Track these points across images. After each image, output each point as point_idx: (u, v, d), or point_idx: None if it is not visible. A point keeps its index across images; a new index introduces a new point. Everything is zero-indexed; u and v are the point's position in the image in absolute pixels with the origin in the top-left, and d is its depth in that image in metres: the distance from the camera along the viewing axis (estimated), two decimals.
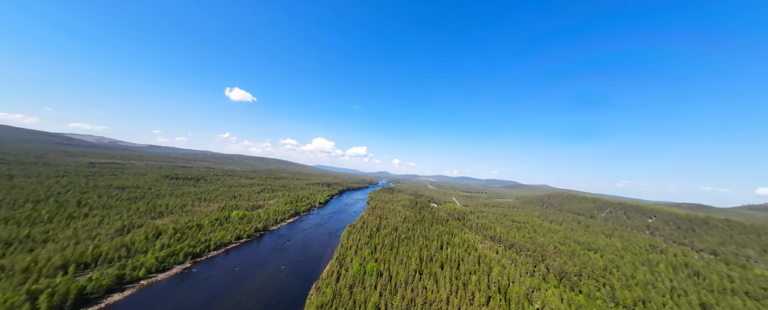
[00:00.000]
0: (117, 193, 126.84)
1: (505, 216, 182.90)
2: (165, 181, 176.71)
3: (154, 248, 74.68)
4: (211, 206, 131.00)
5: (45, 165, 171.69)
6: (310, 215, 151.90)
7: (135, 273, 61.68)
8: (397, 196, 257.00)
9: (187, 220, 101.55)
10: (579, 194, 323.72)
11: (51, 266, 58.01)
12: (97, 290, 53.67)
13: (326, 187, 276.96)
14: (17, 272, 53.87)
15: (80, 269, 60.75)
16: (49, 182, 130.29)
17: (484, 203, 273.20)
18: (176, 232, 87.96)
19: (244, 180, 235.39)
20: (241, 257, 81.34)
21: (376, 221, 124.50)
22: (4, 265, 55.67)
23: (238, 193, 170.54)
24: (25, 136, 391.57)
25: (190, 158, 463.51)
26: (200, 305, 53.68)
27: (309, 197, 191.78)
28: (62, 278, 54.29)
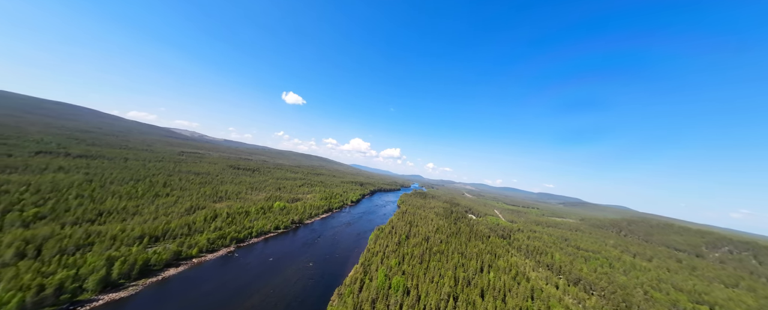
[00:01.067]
0: (193, 177, 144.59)
1: (566, 240, 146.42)
2: (229, 170, 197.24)
3: (209, 229, 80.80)
4: (259, 195, 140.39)
5: (150, 152, 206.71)
6: (341, 213, 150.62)
7: (189, 251, 66.56)
8: (429, 202, 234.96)
9: (239, 206, 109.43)
10: (675, 222, 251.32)
11: (132, 236, 65.97)
12: (158, 262, 58.80)
13: (359, 186, 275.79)
14: (107, 238, 62.31)
15: (152, 241, 67.97)
16: (149, 165, 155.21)
17: (536, 220, 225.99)
18: (229, 216, 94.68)
19: (289, 174, 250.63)
20: (276, 247, 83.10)
21: (405, 228, 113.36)
22: (101, 231, 65.13)
23: (282, 185, 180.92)
24: (145, 130, 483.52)
25: (251, 151, 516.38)
26: (234, 291, 54.53)
27: (342, 195, 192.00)
28: (136, 248, 60.93)
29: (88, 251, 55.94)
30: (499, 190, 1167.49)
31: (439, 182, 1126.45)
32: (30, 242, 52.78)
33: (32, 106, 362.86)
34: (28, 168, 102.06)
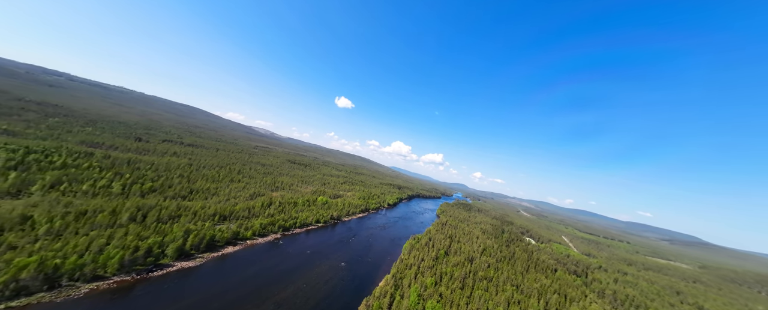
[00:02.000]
0: (259, 168, 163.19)
1: (678, 294, 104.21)
2: (287, 164, 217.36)
3: (263, 215, 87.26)
4: (307, 188, 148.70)
5: (234, 145, 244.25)
6: (377, 215, 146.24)
7: (245, 232, 72.06)
8: (475, 215, 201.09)
9: (290, 196, 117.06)
10: None
11: (207, 213, 75.27)
12: (221, 240, 64.87)
13: (397, 189, 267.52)
14: (190, 213, 72.31)
15: (220, 220, 76.37)
16: (231, 155, 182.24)
17: (626, 258, 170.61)
18: (280, 205, 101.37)
19: (334, 171, 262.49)
20: (315, 240, 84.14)
21: (444, 242, 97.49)
22: (188, 206, 76.35)
23: (327, 181, 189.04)
24: (234, 127, 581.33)
25: (306, 149, 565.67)
26: (274, 278, 55.45)
27: (380, 197, 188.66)
28: (208, 224, 68.88)
29: (176, 223, 65.37)
30: (568, 211, 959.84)
31: (486, 194, 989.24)
32: (140, 210, 64.44)
33: (167, 107, 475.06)
34: (155, 152, 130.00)
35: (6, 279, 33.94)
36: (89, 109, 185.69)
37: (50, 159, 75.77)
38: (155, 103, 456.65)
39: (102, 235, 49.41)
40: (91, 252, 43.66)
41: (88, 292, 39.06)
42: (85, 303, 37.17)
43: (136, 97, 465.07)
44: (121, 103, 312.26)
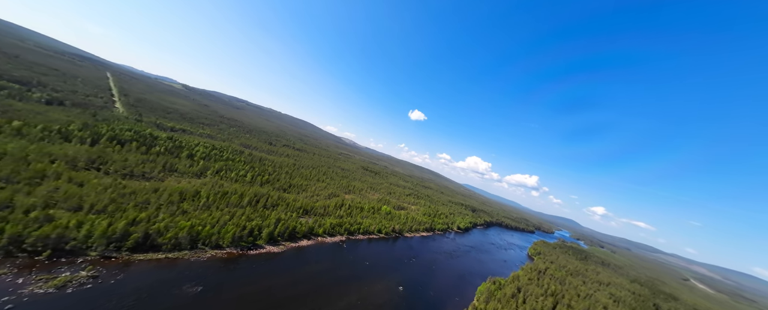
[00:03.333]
0: (339, 172, 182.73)
1: None
2: (360, 170, 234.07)
3: (335, 215, 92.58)
4: (374, 195, 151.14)
5: (326, 151, 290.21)
6: (444, 238, 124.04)
7: (318, 229, 77.15)
8: (597, 270, 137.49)
9: (359, 200, 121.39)
10: None
11: (295, 206, 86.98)
12: (299, 232, 71.76)
13: (470, 211, 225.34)
14: (285, 204, 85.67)
15: (303, 213, 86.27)
16: (322, 159, 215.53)
17: None
18: (350, 208, 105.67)
19: (401, 181, 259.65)
20: (375, 250, 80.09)
21: (544, 301, 68.21)
22: (285, 198, 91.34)
23: (393, 190, 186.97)
24: (329, 137, 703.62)
25: (379, 158, 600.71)
26: (332, 282, 54.10)
27: (448, 217, 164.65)
28: (294, 215, 78.70)
29: (274, 210, 78.37)
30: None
31: (616, 241, 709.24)
32: (256, 196, 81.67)
33: (290, 120, 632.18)
34: (276, 153, 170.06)
35: (170, 235, 47.37)
36: (250, 123, 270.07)
37: (222, 154, 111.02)
38: (283, 118, 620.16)
39: (229, 212, 64.21)
40: (218, 225, 56.51)
41: (210, 257, 49.54)
42: (207, 265, 46.94)
43: (275, 114, 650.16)
44: (267, 118, 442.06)
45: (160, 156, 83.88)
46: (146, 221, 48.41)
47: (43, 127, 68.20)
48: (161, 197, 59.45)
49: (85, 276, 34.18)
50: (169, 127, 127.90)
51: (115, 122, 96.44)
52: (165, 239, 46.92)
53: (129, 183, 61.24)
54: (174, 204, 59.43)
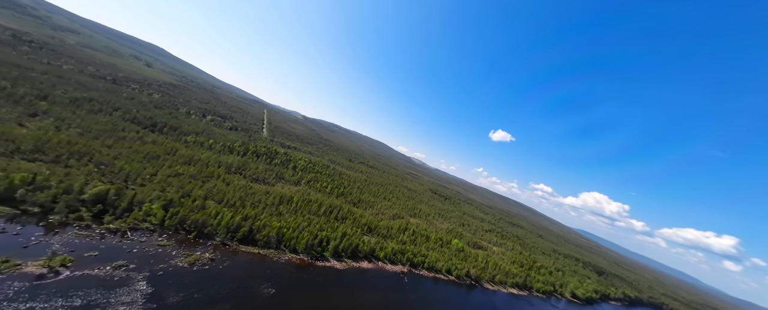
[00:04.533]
0: (406, 192, 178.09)
1: None
2: (428, 193, 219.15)
3: (397, 239, 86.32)
4: (443, 223, 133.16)
5: (395, 170, 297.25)
6: (546, 305, 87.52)
7: (380, 253, 72.79)
8: None
9: (424, 227, 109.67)
10: None
11: (361, 222, 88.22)
12: (361, 251, 70.08)
13: (594, 273, 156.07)
14: (352, 218, 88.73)
15: (367, 231, 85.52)
16: (391, 178, 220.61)
17: None
18: (414, 233, 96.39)
19: (477, 212, 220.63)
20: (442, 296, 65.70)
21: None
22: (353, 212, 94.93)
23: (467, 222, 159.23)
24: (398, 156, 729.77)
25: (450, 181, 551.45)
26: None
27: (553, 274, 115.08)
28: (359, 232, 79.10)
29: (343, 223, 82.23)
30: None
31: None
32: (331, 207, 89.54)
33: (367, 141, 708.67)
34: (354, 169, 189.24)
35: (265, 233, 56.34)
36: (338, 143, 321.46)
37: (314, 167, 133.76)
38: (363, 139, 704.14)
39: (308, 219, 72.08)
40: (297, 230, 63.48)
41: (287, 260, 54.87)
42: (283, 267, 51.82)
43: (357, 135, 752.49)
44: (351, 139, 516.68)
45: (276, 166, 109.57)
46: (253, 217, 60.76)
47: (223, 144, 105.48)
48: (268, 199, 74.59)
49: (207, 258, 44.25)
50: (287, 146, 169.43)
51: (258, 141, 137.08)
52: (261, 236, 56.39)
53: (254, 185, 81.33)
54: (274, 206, 72.86)
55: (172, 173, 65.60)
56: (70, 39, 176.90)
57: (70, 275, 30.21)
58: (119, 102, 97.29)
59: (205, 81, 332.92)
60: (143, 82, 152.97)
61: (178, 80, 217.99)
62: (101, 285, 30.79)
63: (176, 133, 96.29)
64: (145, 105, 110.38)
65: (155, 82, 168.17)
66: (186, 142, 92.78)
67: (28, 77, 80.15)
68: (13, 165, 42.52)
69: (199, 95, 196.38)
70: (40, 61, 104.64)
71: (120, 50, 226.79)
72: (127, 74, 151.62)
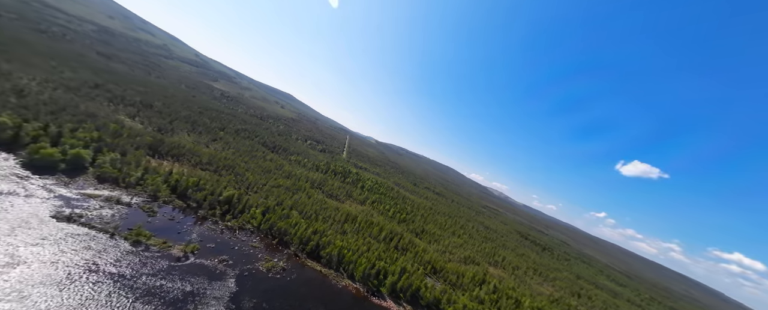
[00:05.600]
0: (482, 230, 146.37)
1: None
2: (515, 235, 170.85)
3: (470, 295, 66.78)
4: (544, 286, 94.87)
5: (467, 200, 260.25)
6: None
7: (447, 307, 57.90)
8: None
9: (512, 285, 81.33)
10: None
11: (424, 259, 76.03)
12: (424, 297, 57.90)
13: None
14: (414, 251, 78.33)
15: (431, 271, 71.82)
16: (461, 209, 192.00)
17: None
18: (495, 291, 72.58)
19: (602, 279, 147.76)
20: None
21: None
22: (416, 244, 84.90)
23: (586, 290, 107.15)
24: (473, 185, 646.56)
25: (549, 224, 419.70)
26: None
27: None
28: (421, 271, 67.45)
29: (403, 255, 73.59)
30: None
31: None
32: (391, 233, 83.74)
33: (434, 165, 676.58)
34: (417, 193, 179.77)
35: (328, 251, 57.02)
36: (404, 165, 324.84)
37: (379, 188, 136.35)
38: (430, 163, 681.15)
39: (367, 243, 69.13)
40: (357, 253, 60.98)
41: (343, 286, 52.07)
42: (338, 295, 49.10)
43: (423, 159, 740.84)
44: (417, 162, 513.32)
45: (348, 184, 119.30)
46: (322, 232, 64.19)
47: (313, 163, 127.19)
48: (337, 215, 78.89)
49: (280, 266, 47.97)
50: (360, 166, 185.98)
51: (338, 162, 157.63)
52: (325, 253, 57.62)
53: (328, 201, 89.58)
54: (340, 223, 75.67)
55: (275, 184, 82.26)
56: (246, 94, 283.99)
57: (193, 262, 38.94)
58: (259, 132, 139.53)
59: (312, 116, 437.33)
60: (276, 118, 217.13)
61: (296, 116, 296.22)
62: (207, 275, 37.65)
63: (285, 153, 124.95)
64: (272, 133, 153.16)
65: (283, 118, 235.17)
66: (290, 160, 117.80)
67: (219, 117, 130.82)
68: (192, 172, 65.42)
69: (306, 126, 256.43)
70: (229, 107, 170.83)
71: (268, 98, 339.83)
72: (269, 113, 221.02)
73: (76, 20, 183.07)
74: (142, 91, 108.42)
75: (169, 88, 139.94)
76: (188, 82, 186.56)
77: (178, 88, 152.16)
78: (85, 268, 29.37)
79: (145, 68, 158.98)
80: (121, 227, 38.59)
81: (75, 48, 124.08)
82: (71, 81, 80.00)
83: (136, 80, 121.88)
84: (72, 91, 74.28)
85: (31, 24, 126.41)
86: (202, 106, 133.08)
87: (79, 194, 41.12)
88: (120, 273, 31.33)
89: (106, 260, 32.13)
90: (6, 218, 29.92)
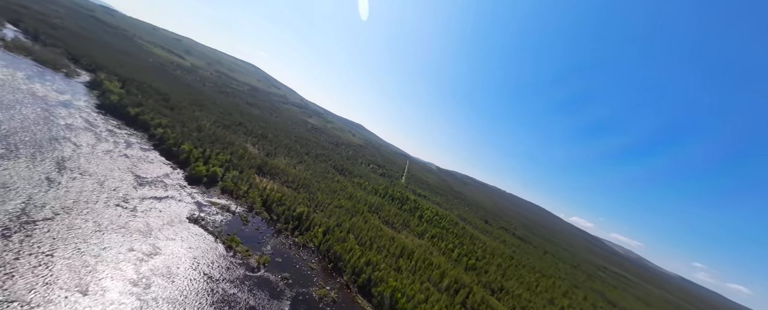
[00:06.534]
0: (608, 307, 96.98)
1: None
2: None
3: None
4: None
5: (567, 251, 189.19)
6: None
7: None
8: None
9: None
10: None
11: None
12: None
13: None
14: None
15: None
16: (560, 265, 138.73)
17: None
18: None
19: None
20: None
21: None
22: (493, 306, 63.55)
23: None
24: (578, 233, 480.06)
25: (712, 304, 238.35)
26: None
27: None
28: None
29: None
30: None
31: None
32: (456, 282, 66.94)
33: (513, 202, 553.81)
34: (491, 234, 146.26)
35: (380, 289, 49.84)
36: (471, 197, 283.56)
37: (440, 221, 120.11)
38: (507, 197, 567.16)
39: (425, 289, 56.95)
40: (413, 301, 50.35)
41: None
42: None
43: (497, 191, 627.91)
44: (489, 194, 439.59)
45: (405, 212, 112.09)
46: (375, 264, 58.62)
47: (372, 186, 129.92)
48: (392, 246, 72.14)
49: (332, 297, 45.14)
50: (418, 193, 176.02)
51: (396, 187, 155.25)
52: (376, 291, 50.98)
53: (384, 228, 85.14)
54: (395, 257, 68.00)
55: (337, 204, 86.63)
56: (329, 126, 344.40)
57: (262, 274, 41.85)
58: (333, 156, 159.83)
59: (377, 142, 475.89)
60: (347, 144, 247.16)
61: (363, 143, 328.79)
62: (269, 292, 39.00)
63: (350, 176, 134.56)
64: (342, 158, 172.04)
65: (352, 144, 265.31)
66: (353, 182, 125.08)
67: (307, 144, 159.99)
68: (280, 188, 77.80)
69: (370, 151, 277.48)
70: (315, 137, 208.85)
71: (344, 128, 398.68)
72: (343, 141, 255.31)
73: (241, 84, 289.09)
74: (264, 126, 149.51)
75: (280, 124, 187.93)
76: (293, 119, 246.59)
77: (286, 124, 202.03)
78: (191, 265, 35.99)
79: (270, 111, 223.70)
80: (223, 232, 47.53)
81: (235, 101, 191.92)
82: (227, 121, 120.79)
83: (262, 119, 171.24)
84: (226, 128, 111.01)
85: (218, 88, 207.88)
86: (298, 136, 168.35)
87: (207, 201, 55.19)
88: (210, 275, 36.52)
89: (206, 261, 38.77)
90: (163, 216, 42.59)
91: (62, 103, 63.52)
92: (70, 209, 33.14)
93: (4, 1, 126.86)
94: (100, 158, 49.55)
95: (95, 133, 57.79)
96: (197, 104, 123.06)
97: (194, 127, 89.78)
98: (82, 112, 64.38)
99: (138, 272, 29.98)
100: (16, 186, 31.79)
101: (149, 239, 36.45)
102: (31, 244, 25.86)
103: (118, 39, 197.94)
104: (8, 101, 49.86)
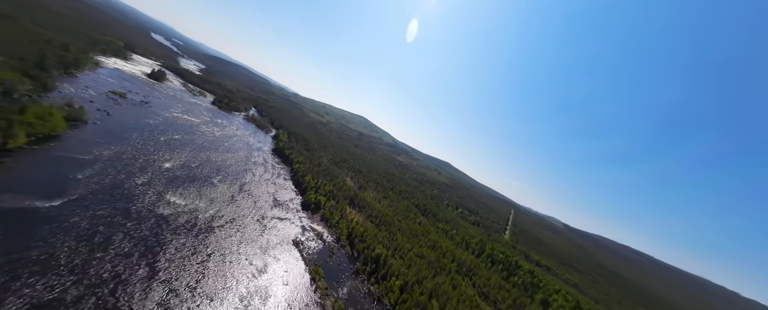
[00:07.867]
0: None
1: None
2: None
3: None
4: None
5: None
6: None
7: None
8: None
9: None
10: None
11: None
12: None
13: None
14: None
15: None
16: None
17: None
18: None
19: None
20: None
21: None
22: None
23: None
24: None
25: None
26: None
27: None
28: None
29: None
30: None
31: None
32: None
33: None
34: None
35: None
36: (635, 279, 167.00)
37: None
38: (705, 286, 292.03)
39: None
40: None
41: None
42: None
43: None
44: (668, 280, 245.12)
45: (515, 287, 79.01)
46: None
47: (462, 237, 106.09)
48: None
49: None
50: (535, 260, 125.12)
51: (497, 243, 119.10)
52: None
53: (481, 304, 61.50)
54: None
55: (418, 252, 74.57)
56: (415, 163, 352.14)
57: None
58: (415, 194, 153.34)
59: (466, 182, 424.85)
60: (432, 182, 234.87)
61: (450, 181, 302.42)
62: None
63: (433, 219, 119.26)
64: (426, 196, 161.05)
65: (437, 182, 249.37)
66: (437, 227, 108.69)
67: (392, 180, 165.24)
68: (364, 223, 78.37)
69: (458, 192, 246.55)
70: (401, 173, 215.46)
71: (430, 166, 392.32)
72: (427, 178, 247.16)
73: (352, 131, 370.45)
74: (361, 163, 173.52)
75: (374, 161, 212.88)
76: (384, 156, 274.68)
77: (378, 161, 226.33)
78: (282, 293, 37.85)
79: (368, 150, 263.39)
80: (312, 260, 50.13)
81: (346, 143, 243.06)
82: (338, 159, 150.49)
83: (361, 157, 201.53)
84: (336, 164, 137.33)
85: (338, 135, 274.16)
86: (386, 172, 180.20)
87: (309, 226, 63.04)
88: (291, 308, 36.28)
89: (292, 289, 40.06)
90: (279, 235, 51.07)
91: (257, 148, 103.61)
92: (234, 221, 46.84)
93: (256, 95, 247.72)
94: (262, 184, 71.93)
95: (265, 166, 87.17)
96: (323, 147, 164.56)
97: (316, 163, 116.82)
98: (264, 153, 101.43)
99: (247, 288, 34.37)
100: (217, 200, 49.80)
101: (264, 255, 43.46)
102: (206, 244, 36.32)
103: (295, 109, 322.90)
104: (235, 147, 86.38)
